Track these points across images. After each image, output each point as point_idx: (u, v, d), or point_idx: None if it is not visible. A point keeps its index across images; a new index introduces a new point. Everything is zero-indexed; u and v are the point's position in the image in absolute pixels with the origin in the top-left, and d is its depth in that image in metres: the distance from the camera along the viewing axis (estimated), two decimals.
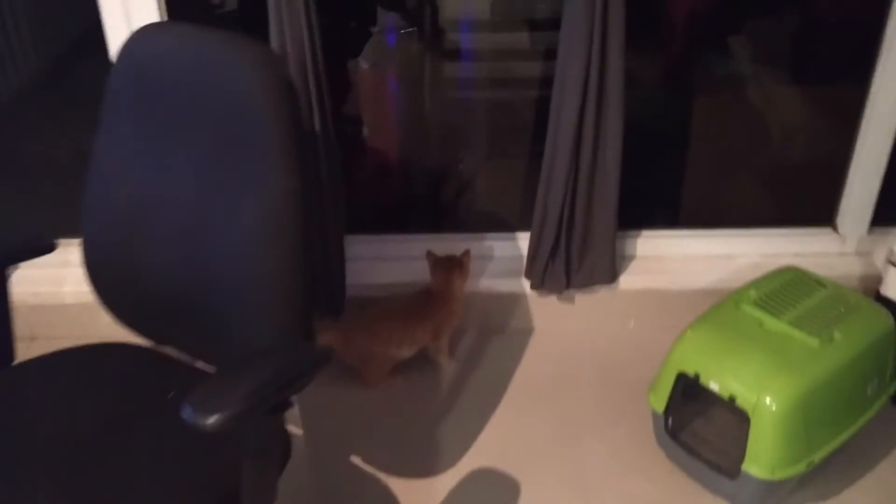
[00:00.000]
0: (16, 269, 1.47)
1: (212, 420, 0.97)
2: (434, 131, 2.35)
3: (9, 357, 1.48)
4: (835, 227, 2.45)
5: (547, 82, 2.04)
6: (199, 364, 1.47)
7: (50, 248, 1.48)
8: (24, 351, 1.51)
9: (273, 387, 1.06)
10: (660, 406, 1.90)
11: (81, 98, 2.08)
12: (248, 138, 1.19)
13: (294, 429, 2.01)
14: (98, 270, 1.45)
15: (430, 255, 2.20)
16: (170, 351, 1.49)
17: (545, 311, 2.39)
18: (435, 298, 2.17)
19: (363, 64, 2.22)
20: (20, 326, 2.28)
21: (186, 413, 0.98)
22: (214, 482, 1.21)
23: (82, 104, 1.62)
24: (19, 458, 1.25)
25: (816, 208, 2.46)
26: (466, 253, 2.21)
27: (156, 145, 1.33)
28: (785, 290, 1.96)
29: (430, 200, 2.43)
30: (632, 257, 2.42)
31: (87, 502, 1.17)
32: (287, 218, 1.18)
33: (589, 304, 2.37)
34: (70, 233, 1.54)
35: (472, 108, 2.32)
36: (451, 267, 2.17)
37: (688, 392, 1.85)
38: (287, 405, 1.12)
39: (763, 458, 1.71)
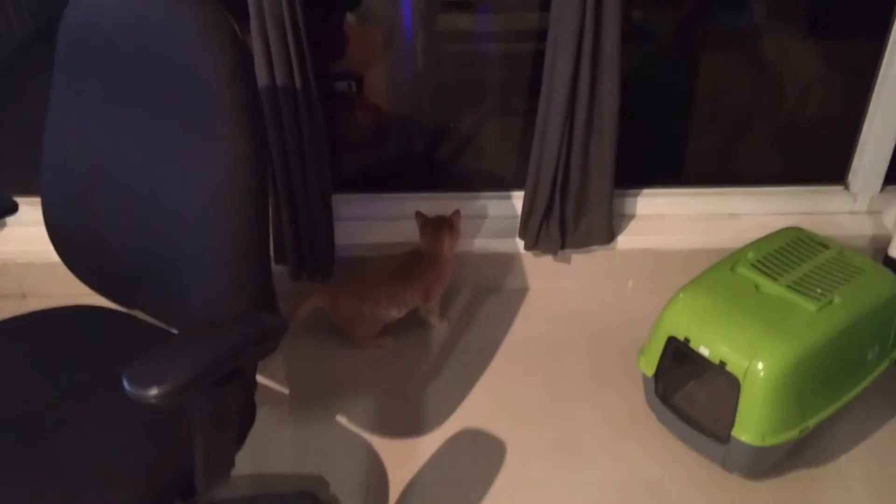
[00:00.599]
0: None
1: (153, 392, 0.95)
2: (426, 87, 2.29)
3: None
4: (846, 186, 2.38)
5: (544, 35, 1.97)
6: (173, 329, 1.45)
7: (12, 209, 1.45)
8: (14, 309, 1.50)
9: (219, 358, 1.03)
10: (650, 370, 1.85)
11: None
12: (197, 101, 1.15)
13: (280, 388, 2.01)
14: (59, 233, 1.43)
15: (419, 215, 2.15)
16: (141, 315, 1.47)
17: (540, 271, 2.34)
18: (425, 259, 2.13)
19: (350, 18, 2.16)
20: (10, 285, 2.31)
21: (127, 385, 0.95)
22: (171, 453, 1.19)
23: None
24: None
25: (827, 166, 2.38)
26: (456, 213, 2.16)
27: (108, 108, 1.29)
28: (785, 251, 1.90)
29: (422, 159, 2.38)
30: (631, 216, 2.37)
31: (37, 472, 1.15)
32: (241, 182, 1.14)
33: (585, 265, 2.33)
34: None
35: (466, 62, 2.25)
36: (440, 227, 2.13)
37: (678, 356, 1.81)
38: (241, 375, 1.08)
39: (753, 424, 1.67)
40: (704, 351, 1.72)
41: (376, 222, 2.35)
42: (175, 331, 1.42)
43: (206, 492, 1.14)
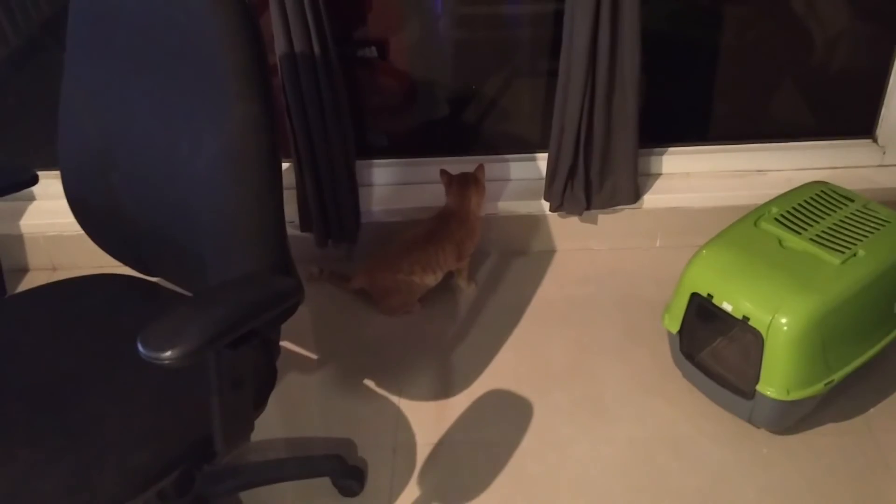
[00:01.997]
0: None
1: (166, 354, 0.97)
2: (449, 51, 2.28)
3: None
4: (874, 139, 2.33)
5: None
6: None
7: (33, 181, 1.49)
8: (45, 281, 1.54)
9: (231, 320, 1.05)
10: (674, 327, 1.85)
11: None
12: (205, 66, 1.16)
13: (308, 353, 2.04)
14: (79, 203, 1.46)
15: (443, 173, 2.16)
16: (162, 282, 1.50)
17: (567, 232, 2.34)
18: (453, 218, 2.14)
19: None
20: (41, 258, 2.36)
21: (141, 348, 0.98)
22: (190, 416, 1.22)
23: None
24: (7, 385, 1.28)
25: (856, 119, 2.34)
26: (480, 167, 2.17)
27: (119, 77, 1.31)
28: (809, 205, 1.88)
29: (447, 122, 2.38)
30: (657, 175, 2.35)
31: (56, 437, 1.18)
32: (251, 144, 1.15)
33: (612, 225, 2.32)
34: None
35: (490, 24, 2.24)
36: (466, 183, 2.14)
37: (702, 313, 1.80)
38: (257, 337, 1.11)
39: (778, 379, 1.67)
40: (728, 307, 1.71)
41: (402, 187, 2.36)
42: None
43: (225, 454, 1.17)
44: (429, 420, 1.88)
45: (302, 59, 1.93)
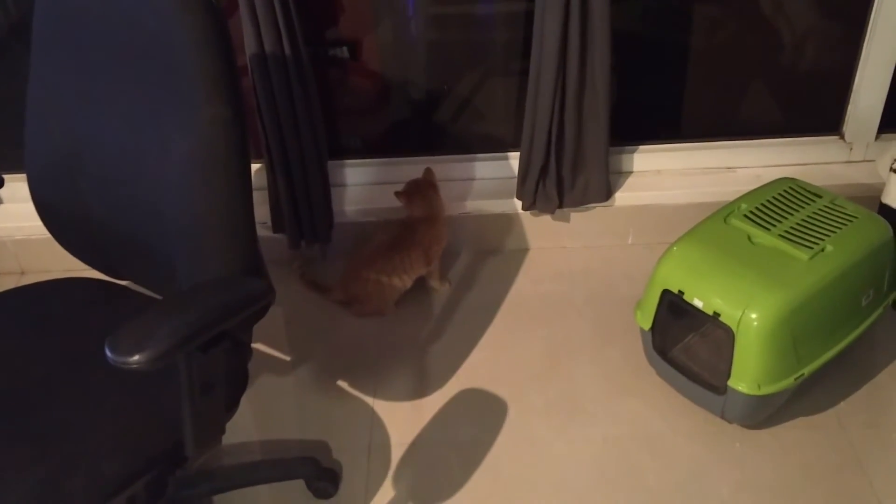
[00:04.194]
0: None
1: (134, 359, 0.96)
2: (421, 51, 2.28)
3: None
4: (841, 135, 2.36)
5: None
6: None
7: None
8: (13, 286, 1.52)
9: (200, 322, 1.04)
10: (646, 324, 1.86)
11: None
12: (173, 68, 1.15)
13: (282, 355, 2.03)
14: (46, 207, 1.44)
15: (399, 195, 2.15)
16: (132, 285, 1.49)
17: (539, 230, 2.35)
18: (420, 224, 2.14)
19: None
20: (8, 262, 2.33)
21: (109, 352, 0.97)
22: (159, 420, 1.21)
23: None
24: None
25: (823, 116, 2.36)
26: (429, 171, 2.18)
27: (86, 80, 1.29)
28: (777, 202, 1.90)
29: (419, 122, 2.37)
30: (629, 173, 2.36)
31: (23, 446, 1.17)
32: (220, 147, 1.14)
33: (584, 223, 2.33)
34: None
35: (461, 24, 2.24)
36: (422, 189, 2.14)
37: (673, 309, 1.81)
38: (227, 340, 1.10)
39: (749, 374, 1.68)
40: (698, 303, 1.73)
41: (376, 187, 2.35)
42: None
43: (196, 458, 1.16)
44: (403, 420, 1.88)
45: (272, 60, 1.92)
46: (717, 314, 1.69)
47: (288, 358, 2.05)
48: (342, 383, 1.98)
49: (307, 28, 1.97)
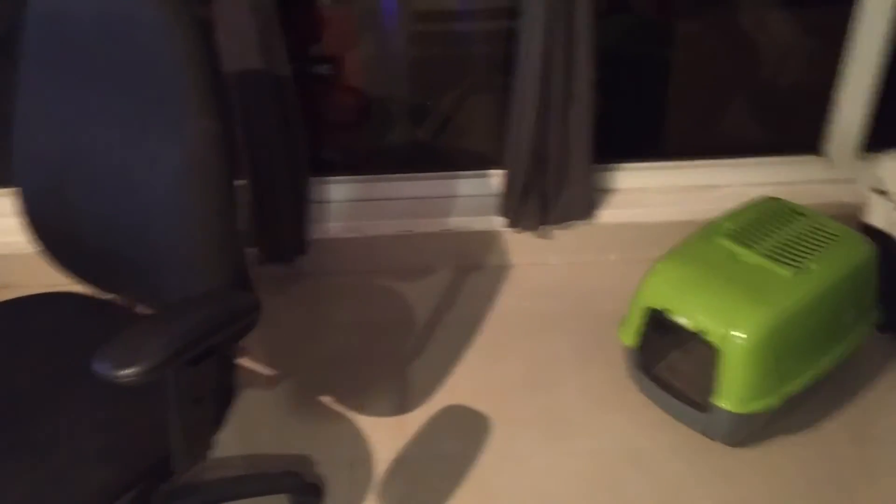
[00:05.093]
0: None
1: (122, 373, 0.96)
2: (404, 68, 2.28)
3: None
4: (823, 154, 2.39)
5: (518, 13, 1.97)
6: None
7: None
8: None
9: (190, 337, 1.03)
10: (630, 341, 1.87)
11: None
12: (161, 82, 1.15)
13: (264, 370, 2.02)
14: (35, 220, 1.42)
15: None
16: (118, 300, 1.47)
17: (522, 247, 2.35)
18: None
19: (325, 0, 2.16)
20: None
21: (96, 367, 0.96)
22: (147, 434, 1.19)
23: None
24: None
25: (804, 135, 2.39)
26: None
27: (75, 93, 1.29)
28: (761, 220, 1.91)
29: (402, 140, 2.38)
30: (612, 190, 2.37)
31: (14, 457, 1.16)
32: (207, 161, 1.14)
33: (567, 240, 2.34)
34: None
35: (444, 42, 2.25)
36: None
37: (657, 327, 1.82)
38: (216, 354, 1.09)
39: (733, 392, 1.69)
40: (683, 320, 1.74)
41: (358, 204, 2.35)
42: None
43: (183, 472, 1.15)
44: (387, 435, 1.87)
45: (252, 77, 1.92)
46: (701, 332, 1.70)
47: (270, 372, 2.04)
48: (325, 398, 1.97)
49: (288, 44, 1.96)
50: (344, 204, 2.35)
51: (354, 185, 2.35)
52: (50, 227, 1.41)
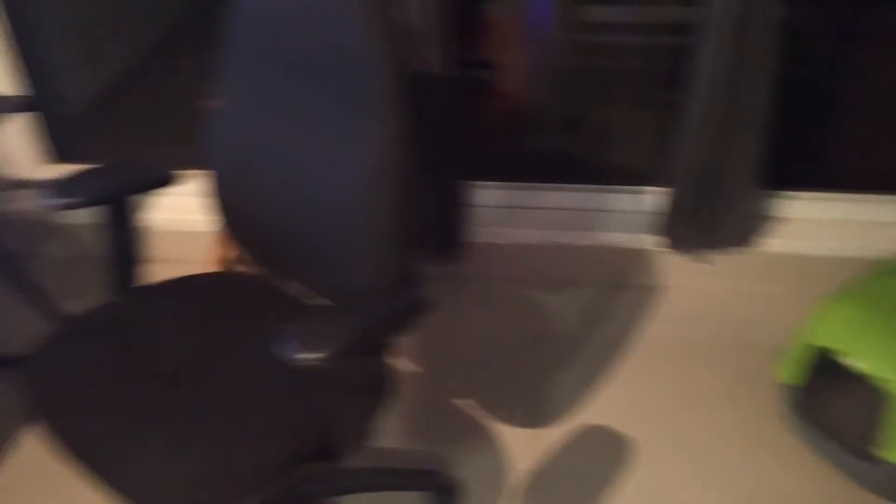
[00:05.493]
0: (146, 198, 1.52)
1: (308, 357, 0.97)
2: (562, 78, 2.26)
3: (132, 280, 1.52)
4: None
5: (683, 28, 1.92)
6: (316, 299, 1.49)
7: (168, 180, 1.51)
8: (158, 274, 1.57)
9: (371, 330, 1.05)
10: (790, 379, 1.79)
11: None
12: (356, 82, 1.19)
13: (408, 366, 2.02)
14: (223, 203, 1.49)
15: None
16: (289, 284, 1.51)
17: (677, 269, 2.29)
18: None
19: (489, 6, 2.15)
20: (158, 250, 2.40)
21: (283, 350, 0.98)
22: (312, 415, 1.22)
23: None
24: (139, 373, 1.31)
25: None
26: None
27: (272, 88, 1.34)
28: None
29: (554, 149, 2.35)
30: (778, 219, 2.28)
31: (188, 427, 1.21)
32: (391, 160, 1.18)
33: (726, 266, 2.26)
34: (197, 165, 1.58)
35: (603, 54, 2.21)
36: None
37: (822, 367, 1.73)
38: (384, 347, 1.10)
39: None
40: (851, 363, 1.64)
41: (508, 211, 2.34)
42: (321, 300, 1.46)
43: (343, 458, 1.16)
44: (523, 446, 1.85)
45: (423, 78, 1.94)
46: (870, 376, 1.61)
47: (418, 369, 2.05)
48: (464, 402, 1.96)
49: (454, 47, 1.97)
50: (494, 209, 2.34)
51: (506, 192, 2.34)
52: (236, 211, 1.47)
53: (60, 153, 2.49)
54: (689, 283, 2.30)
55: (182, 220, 2.35)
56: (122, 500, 1.15)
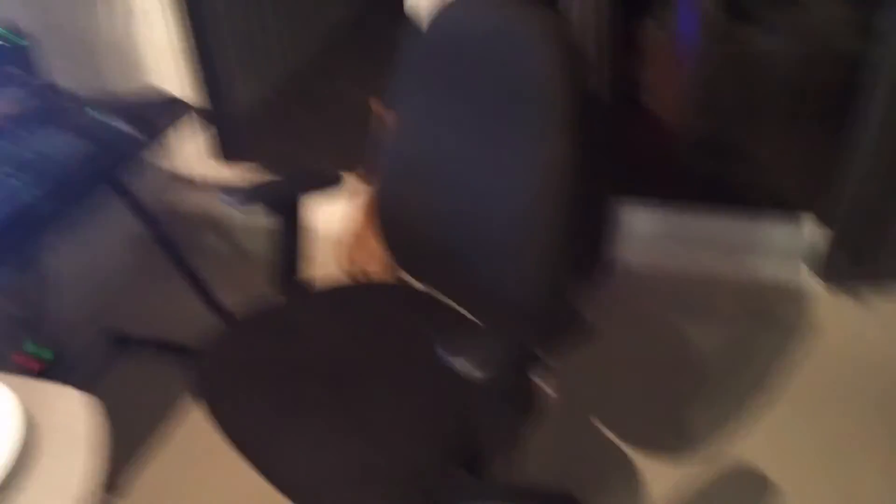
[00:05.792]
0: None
1: (482, 372, 1.01)
2: (713, 100, 2.20)
3: (296, 280, 1.60)
4: None
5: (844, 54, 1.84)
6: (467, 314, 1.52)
7: (337, 181, 1.57)
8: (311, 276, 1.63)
9: (531, 348, 1.07)
10: None
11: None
12: (530, 106, 1.22)
13: (546, 387, 2.02)
14: (386, 216, 1.55)
15: None
16: (444, 298, 1.55)
17: (836, 310, 2.17)
18: None
19: (651, 24, 2.13)
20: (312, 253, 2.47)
21: (447, 358, 1.00)
22: (464, 426, 1.25)
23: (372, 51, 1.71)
24: (303, 373, 1.38)
25: None
26: None
27: (445, 107, 1.39)
28: None
29: (704, 172, 2.29)
30: None
31: (349, 421, 1.27)
32: (557, 183, 1.20)
33: (889, 310, 2.14)
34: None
35: (757, 77, 2.14)
36: None
37: None
38: (535, 363, 1.12)
39: None
40: None
41: (654, 234, 2.30)
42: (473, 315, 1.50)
43: (490, 467, 1.21)
44: (663, 478, 1.81)
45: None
46: None
47: (551, 391, 2.03)
48: (604, 428, 1.93)
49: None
50: (640, 232, 2.30)
51: (653, 215, 2.30)
52: (397, 224, 1.53)
53: (227, 153, 2.62)
54: (846, 325, 2.18)
55: (333, 226, 2.41)
56: (275, 488, 1.21)
